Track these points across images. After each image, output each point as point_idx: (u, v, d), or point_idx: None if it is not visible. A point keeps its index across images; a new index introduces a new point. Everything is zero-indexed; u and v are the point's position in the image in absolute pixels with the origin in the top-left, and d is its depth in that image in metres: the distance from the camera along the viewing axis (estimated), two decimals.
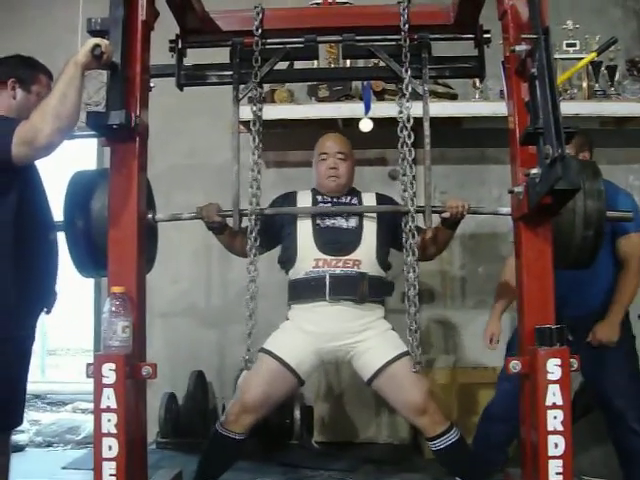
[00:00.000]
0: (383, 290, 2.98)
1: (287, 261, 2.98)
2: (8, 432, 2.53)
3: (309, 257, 2.90)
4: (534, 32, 2.05)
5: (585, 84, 4.05)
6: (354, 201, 3.06)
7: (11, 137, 2.22)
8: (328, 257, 2.88)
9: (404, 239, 2.67)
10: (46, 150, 2.29)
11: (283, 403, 3.14)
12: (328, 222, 2.93)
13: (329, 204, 3.04)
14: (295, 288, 2.95)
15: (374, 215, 2.95)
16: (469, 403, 3.92)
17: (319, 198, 3.05)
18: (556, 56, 3.94)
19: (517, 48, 2.12)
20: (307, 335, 2.88)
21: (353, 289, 2.85)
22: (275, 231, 2.98)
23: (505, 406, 3.06)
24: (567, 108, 3.57)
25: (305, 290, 2.90)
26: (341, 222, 2.93)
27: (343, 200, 3.06)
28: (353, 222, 2.93)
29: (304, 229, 2.92)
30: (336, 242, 2.89)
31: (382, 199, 3.06)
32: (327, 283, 2.84)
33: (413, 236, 2.64)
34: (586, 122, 3.82)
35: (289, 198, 3.09)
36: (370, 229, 2.93)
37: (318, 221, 2.93)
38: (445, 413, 2.92)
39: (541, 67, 1.99)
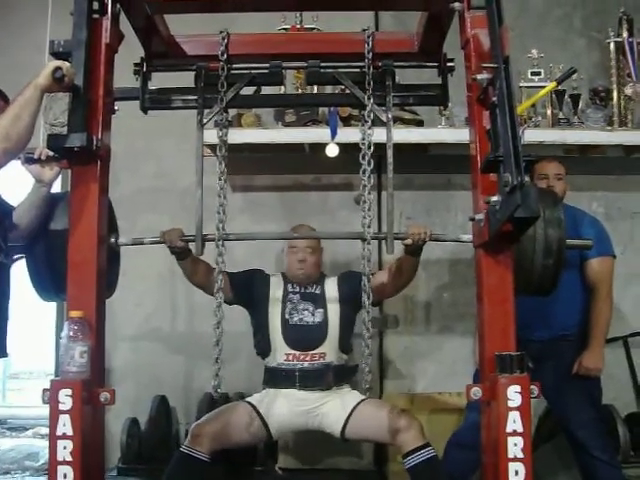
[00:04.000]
0: (346, 375, 3.23)
1: (262, 352, 3.23)
2: None
3: (280, 351, 3.14)
4: (495, 61, 2.07)
5: (549, 112, 4.12)
6: (318, 290, 3.27)
7: None
8: (297, 352, 3.13)
9: (361, 266, 2.66)
10: None
11: None
12: (296, 318, 3.18)
13: (297, 295, 3.25)
14: (269, 375, 3.20)
15: (337, 301, 3.21)
16: (434, 429, 3.90)
17: (289, 287, 3.26)
18: (521, 84, 4.02)
19: (478, 77, 2.15)
20: (283, 401, 3.11)
21: (320, 380, 3.11)
22: (244, 295, 3.22)
23: (472, 435, 3.05)
24: (532, 135, 3.66)
25: (278, 378, 3.15)
26: (307, 318, 3.18)
27: (310, 290, 3.27)
28: (319, 316, 3.18)
29: (274, 324, 3.17)
30: (303, 339, 3.13)
31: (342, 280, 3.28)
32: (297, 376, 3.10)
33: (369, 263, 2.65)
34: (550, 149, 3.88)
35: (263, 278, 3.31)
36: (334, 320, 3.18)
37: (287, 316, 3.18)
38: None
39: (501, 96, 2.01)
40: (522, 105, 3.73)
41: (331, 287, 3.27)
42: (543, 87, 3.86)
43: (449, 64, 2.76)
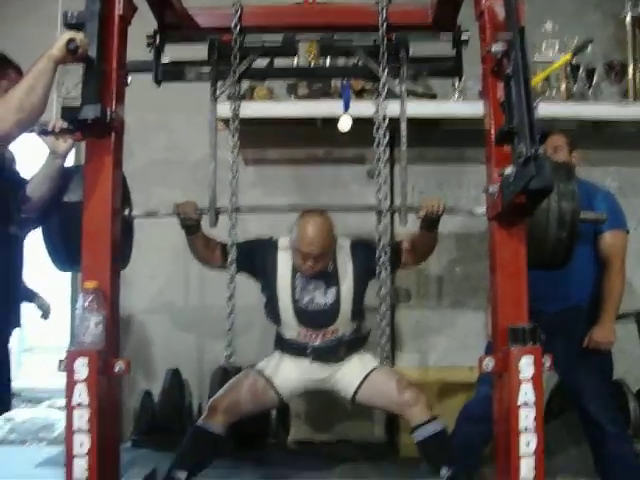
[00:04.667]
0: (359, 345, 3.17)
1: (273, 320, 3.17)
2: None
3: (291, 328, 3.10)
4: (510, 32, 2.06)
5: (564, 86, 4.09)
6: (331, 266, 3.07)
7: None
8: (308, 331, 3.07)
9: (377, 238, 2.68)
10: (4, 140, 2.27)
11: None
12: (306, 299, 3.05)
13: (302, 282, 3.08)
14: (281, 343, 3.17)
15: (351, 276, 3.06)
16: (445, 402, 3.93)
17: (298, 281, 3.08)
18: (536, 58, 3.97)
19: (493, 48, 2.12)
20: (294, 366, 3.11)
21: (332, 355, 3.09)
22: (251, 262, 3.04)
23: (483, 408, 3.07)
24: (545, 110, 3.62)
25: (290, 349, 3.12)
26: (319, 299, 3.06)
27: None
28: (331, 296, 3.05)
29: (284, 303, 3.06)
30: (315, 320, 3.06)
31: (356, 250, 3.11)
32: (309, 352, 3.08)
33: (387, 237, 2.69)
34: (564, 124, 3.85)
35: (270, 251, 3.12)
36: (347, 298, 3.06)
37: (297, 297, 3.06)
38: None
39: (516, 67, 2.00)
40: (537, 77, 3.70)
41: (345, 260, 3.10)
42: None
43: (463, 36, 2.74)
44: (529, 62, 2.01)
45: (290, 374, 3.10)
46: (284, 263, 3.09)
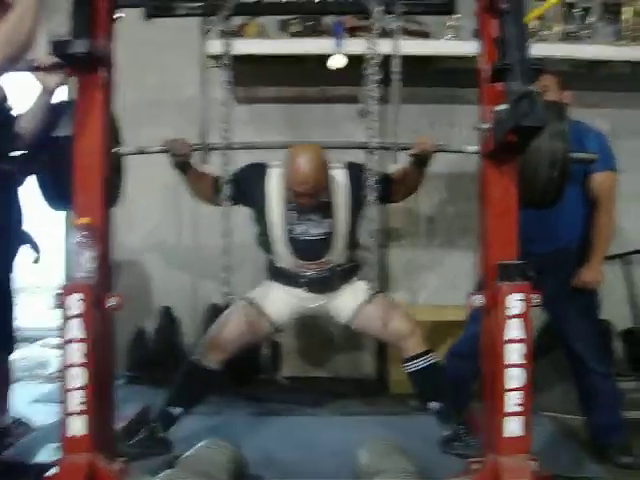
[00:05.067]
0: (354, 274, 3.15)
1: (264, 249, 3.12)
2: None
3: (284, 258, 3.05)
4: None
5: (559, 27, 4.04)
6: (325, 195, 2.98)
7: None
8: (302, 262, 3.03)
9: (367, 178, 2.68)
10: None
11: None
12: (299, 230, 2.99)
13: (295, 212, 2.99)
14: (274, 272, 3.13)
15: (346, 205, 2.99)
16: (435, 341, 3.98)
17: (289, 194, 2.95)
18: None
19: None
20: (286, 294, 3.09)
21: (326, 285, 3.07)
22: (241, 196, 2.95)
23: (472, 345, 3.11)
24: (539, 50, 3.59)
25: (283, 278, 3.09)
26: (312, 229, 3.00)
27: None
28: (325, 226, 2.99)
29: (276, 233, 2.99)
30: (308, 251, 3.01)
31: (352, 171, 3.00)
32: (303, 282, 3.05)
33: (377, 172, 2.67)
34: (558, 65, 3.82)
35: (260, 178, 3.01)
36: (342, 228, 3.00)
37: (289, 227, 2.99)
38: None
39: (511, 2, 1.98)
40: (533, 13, 3.66)
41: (339, 190, 2.99)
42: None
43: None
44: None
45: (282, 302, 3.08)
46: (275, 193, 2.99)
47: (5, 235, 2.62)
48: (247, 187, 2.98)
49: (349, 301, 3.09)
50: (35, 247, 3.04)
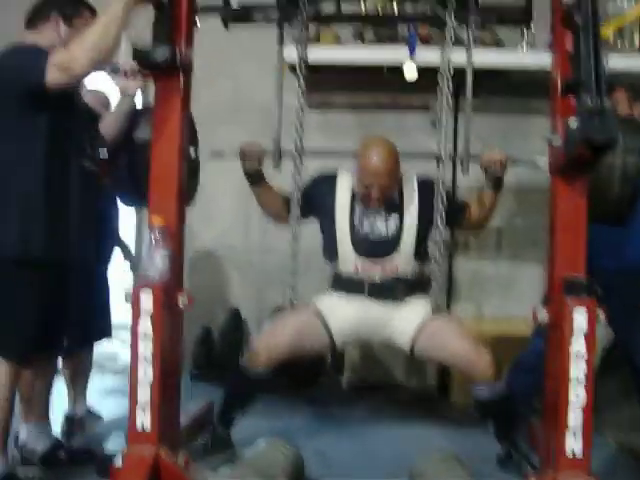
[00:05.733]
0: (421, 288, 3.00)
1: (329, 257, 3.04)
2: (47, 356, 2.62)
3: (349, 260, 2.94)
4: None
5: (638, 39, 3.96)
6: (395, 195, 2.95)
7: (45, 63, 2.26)
8: (367, 263, 2.92)
9: (436, 190, 2.71)
10: (79, 78, 2.36)
11: None
12: (366, 226, 2.93)
13: (363, 210, 2.95)
14: (337, 281, 3.02)
15: (415, 208, 2.92)
16: (499, 354, 3.94)
17: (357, 208, 2.95)
18: (609, 10, 3.85)
19: None
20: (351, 308, 2.95)
21: (390, 294, 2.93)
22: (310, 209, 2.97)
23: (536, 359, 3.08)
24: (617, 63, 3.53)
25: (346, 286, 2.97)
26: (380, 227, 2.93)
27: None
28: (393, 225, 2.92)
29: (343, 231, 2.93)
30: (374, 250, 2.91)
31: (424, 187, 2.95)
32: (366, 288, 2.93)
33: (446, 184, 2.71)
34: (637, 79, 3.74)
35: (329, 183, 3.01)
36: (410, 228, 2.91)
37: (356, 223, 2.93)
38: None
39: (586, 17, 1.97)
40: (610, 27, 3.60)
41: (411, 193, 2.95)
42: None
43: None
44: (599, 12, 1.98)
45: (345, 313, 2.94)
46: (343, 191, 2.97)
47: (98, 230, 2.72)
48: (317, 199, 2.99)
49: (408, 322, 2.92)
50: (128, 253, 3.14)
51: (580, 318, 2.15)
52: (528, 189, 4.27)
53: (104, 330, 3.22)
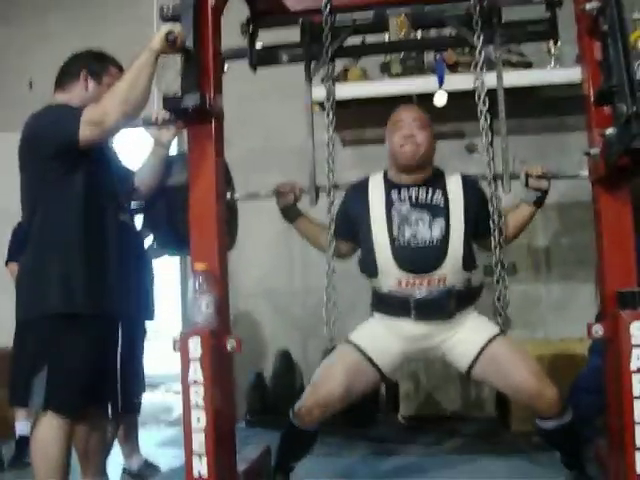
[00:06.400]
0: (471, 299, 2.74)
1: (367, 272, 2.74)
2: (100, 409, 2.62)
3: (390, 275, 2.64)
4: None
5: None
6: (437, 195, 2.68)
7: (78, 121, 2.31)
8: (411, 277, 2.60)
9: (490, 210, 2.61)
10: (111, 132, 2.40)
11: None
12: (408, 234, 2.62)
13: (407, 203, 2.67)
14: (379, 300, 2.74)
15: (461, 207, 2.66)
16: (555, 375, 3.85)
17: (394, 194, 2.69)
18: (635, 15, 3.82)
19: (587, 6, 2.09)
20: (394, 335, 2.68)
21: (440, 310, 2.62)
22: (351, 225, 2.78)
23: (595, 378, 3.00)
24: None
25: (389, 307, 2.68)
26: (423, 232, 2.62)
27: (423, 196, 2.68)
28: (438, 229, 2.62)
29: (381, 243, 2.64)
30: (418, 260, 2.60)
31: (467, 181, 2.75)
32: (412, 306, 2.61)
33: (499, 202, 2.61)
34: None
35: (360, 193, 2.79)
36: (457, 232, 2.63)
37: (395, 232, 2.63)
38: None
39: (612, 23, 1.96)
40: (635, 34, 3.56)
41: (455, 187, 2.70)
42: None
43: None
44: (626, 17, 1.96)
45: (391, 347, 2.68)
46: (377, 195, 2.73)
47: (139, 282, 2.73)
48: (351, 211, 2.79)
49: (466, 345, 2.64)
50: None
51: (638, 333, 2.09)
52: (571, 205, 4.22)
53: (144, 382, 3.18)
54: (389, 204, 2.68)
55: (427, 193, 2.69)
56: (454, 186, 2.71)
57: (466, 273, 2.67)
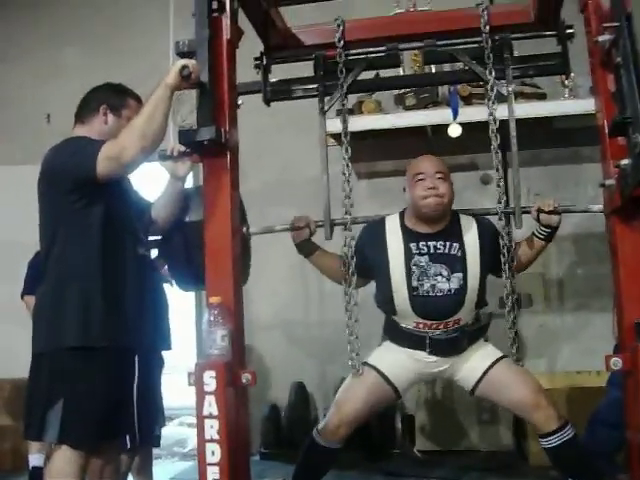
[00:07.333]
0: (481, 333, 2.86)
1: (384, 310, 2.86)
2: (115, 442, 2.60)
3: (407, 318, 2.76)
4: (616, 20, 2.02)
5: None
6: (455, 245, 2.75)
7: (96, 155, 2.32)
8: (428, 322, 2.73)
9: (501, 244, 2.65)
10: (129, 167, 2.40)
11: (384, 413, 3.13)
12: (427, 286, 2.71)
13: (426, 256, 2.73)
14: (394, 331, 2.84)
15: (477, 257, 2.73)
16: (573, 409, 3.82)
17: (414, 247, 2.75)
18: None
19: (600, 39, 2.09)
20: (408, 358, 2.80)
21: (454, 347, 2.76)
22: (367, 264, 2.82)
23: (614, 412, 2.96)
24: None
25: (404, 340, 2.79)
26: (441, 285, 2.71)
27: (442, 250, 2.75)
28: (455, 282, 2.70)
29: (400, 292, 2.73)
30: (436, 310, 2.72)
31: (481, 224, 2.81)
32: (427, 343, 2.74)
33: (509, 237, 2.65)
34: None
35: (377, 232, 2.85)
36: (473, 284, 2.72)
37: (415, 284, 2.71)
38: None
39: (625, 55, 1.96)
40: None
41: (470, 234, 2.77)
42: None
43: (568, 30, 2.69)
44: (639, 49, 1.96)
45: (404, 368, 2.80)
46: (395, 243, 2.79)
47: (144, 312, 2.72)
48: (368, 248, 2.84)
49: (472, 368, 2.79)
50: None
51: None
52: (586, 236, 4.21)
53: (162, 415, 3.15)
54: (408, 256, 2.75)
55: (445, 244, 2.76)
56: (470, 233, 2.79)
57: (478, 314, 2.83)
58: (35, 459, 3.68)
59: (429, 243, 2.76)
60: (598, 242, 4.06)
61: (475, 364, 2.79)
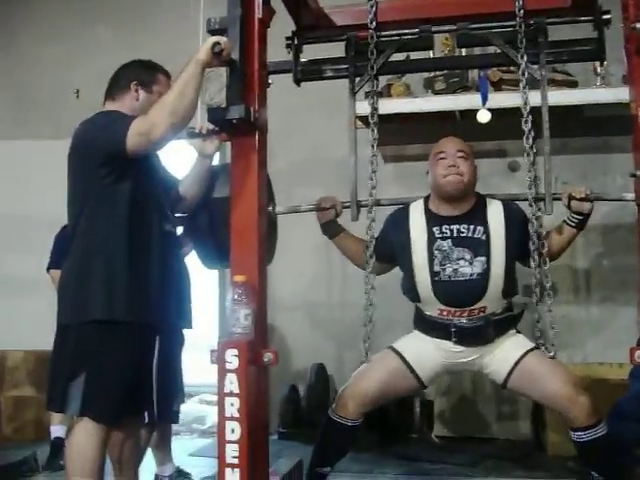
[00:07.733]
0: (512, 324, 2.81)
1: (409, 296, 2.85)
2: (136, 417, 2.63)
3: (431, 305, 2.75)
4: None
5: None
6: (479, 228, 2.72)
7: (126, 130, 2.33)
8: (451, 309, 2.71)
9: (530, 231, 2.57)
10: (159, 143, 2.40)
11: (403, 398, 3.11)
12: (449, 270, 2.69)
13: (448, 240, 2.72)
14: (421, 320, 2.84)
15: (503, 241, 2.70)
16: (595, 401, 3.80)
17: (436, 231, 2.74)
18: None
19: (637, 26, 2.06)
20: (435, 348, 2.78)
21: (480, 336, 2.72)
22: (391, 250, 2.84)
23: (636, 405, 2.94)
24: None
25: (431, 329, 2.78)
26: (464, 269, 2.69)
27: (465, 234, 2.73)
28: (478, 266, 2.68)
29: (422, 277, 2.72)
30: (458, 296, 2.70)
31: (508, 209, 2.78)
32: (452, 331, 2.71)
33: (539, 223, 2.59)
34: None
35: (401, 219, 2.86)
36: (498, 268, 2.68)
37: (437, 269, 2.70)
38: None
39: None
40: None
41: (496, 218, 2.73)
42: None
43: (605, 16, 2.63)
44: None
45: (431, 358, 2.78)
46: (418, 228, 2.78)
47: (179, 292, 2.74)
48: (391, 239, 2.85)
49: (503, 359, 2.72)
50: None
51: None
52: (614, 228, 4.16)
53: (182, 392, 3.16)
54: (431, 240, 2.74)
55: (469, 227, 2.74)
56: (496, 216, 2.75)
57: (507, 302, 2.78)
58: (57, 430, 3.73)
59: (452, 226, 2.75)
60: (627, 233, 4.03)
61: (505, 355, 2.73)
